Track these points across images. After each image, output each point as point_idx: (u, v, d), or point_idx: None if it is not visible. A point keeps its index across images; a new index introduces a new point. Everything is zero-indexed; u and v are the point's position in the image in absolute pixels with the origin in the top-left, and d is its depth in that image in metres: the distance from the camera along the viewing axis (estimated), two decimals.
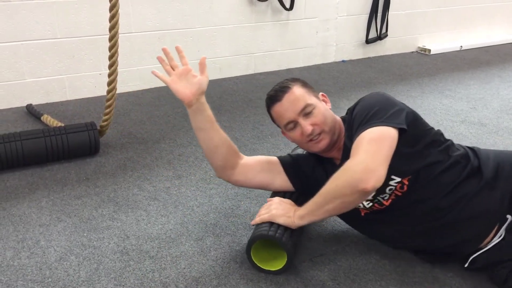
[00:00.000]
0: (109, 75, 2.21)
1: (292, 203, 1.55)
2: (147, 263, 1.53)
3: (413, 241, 1.53)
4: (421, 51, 4.44)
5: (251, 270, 1.49)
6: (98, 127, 2.32)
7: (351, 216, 1.53)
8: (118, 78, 2.22)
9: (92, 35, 2.96)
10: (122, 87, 2.41)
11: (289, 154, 1.71)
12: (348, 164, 1.36)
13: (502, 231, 1.42)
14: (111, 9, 2.06)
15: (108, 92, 2.24)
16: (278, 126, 1.63)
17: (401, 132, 1.40)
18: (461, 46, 4.56)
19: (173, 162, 2.23)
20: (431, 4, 4.39)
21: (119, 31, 2.10)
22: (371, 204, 1.50)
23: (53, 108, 2.87)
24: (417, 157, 1.44)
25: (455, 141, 1.56)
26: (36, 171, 2.11)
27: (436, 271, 1.50)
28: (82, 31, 2.93)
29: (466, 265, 1.47)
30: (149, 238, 1.66)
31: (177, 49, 1.55)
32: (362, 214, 1.55)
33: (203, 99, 1.52)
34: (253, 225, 1.55)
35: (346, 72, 3.78)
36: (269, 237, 1.44)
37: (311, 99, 1.55)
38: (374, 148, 1.34)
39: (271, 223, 1.48)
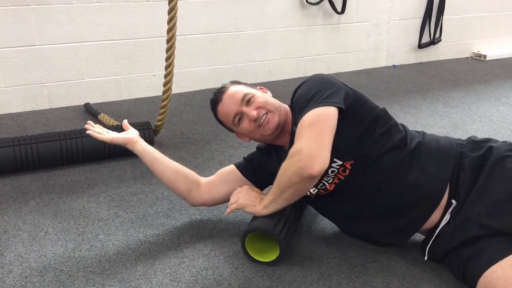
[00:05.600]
0: (165, 76, 2.26)
1: (260, 191, 1.62)
2: (200, 261, 1.56)
3: (358, 225, 1.58)
4: (476, 56, 4.31)
5: (303, 273, 1.50)
6: (153, 127, 2.38)
7: (305, 199, 1.59)
8: None
9: (148, 37, 3.05)
10: (174, 88, 2.48)
11: (244, 157, 1.75)
12: (291, 151, 1.40)
13: (447, 216, 1.43)
14: (169, 11, 2.11)
15: (164, 92, 2.30)
16: (229, 129, 1.68)
17: (340, 112, 1.42)
18: None
19: (224, 163, 2.26)
20: (488, 9, 4.25)
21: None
22: (316, 190, 1.54)
23: (109, 107, 2.97)
24: (359, 140, 1.45)
25: None
26: (94, 167, 2.20)
27: None
28: (138, 33, 3.03)
29: (426, 258, 1.49)
30: (202, 236, 1.69)
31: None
32: (312, 198, 1.59)
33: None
34: (227, 215, 1.69)
35: (398, 77, 3.72)
36: (260, 230, 1.50)
37: (249, 90, 1.61)
38: (314, 132, 1.38)
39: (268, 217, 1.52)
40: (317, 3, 3.49)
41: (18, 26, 2.72)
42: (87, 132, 1.78)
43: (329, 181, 1.51)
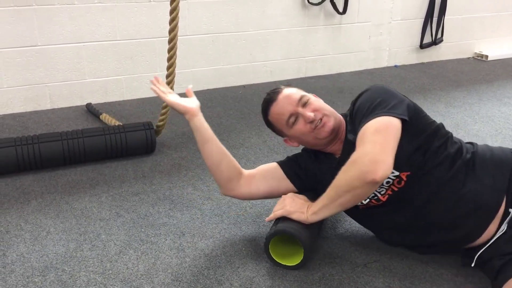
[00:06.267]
0: (167, 76, 2.27)
1: (306, 198, 1.57)
2: (202, 260, 1.56)
3: (408, 236, 1.54)
4: (478, 57, 4.31)
5: (305, 273, 1.50)
6: (154, 127, 2.39)
7: (350, 210, 1.56)
8: None
9: (149, 37, 3.06)
10: (176, 89, 2.48)
11: (287, 157, 1.72)
12: (355, 155, 1.36)
13: (504, 226, 1.40)
14: (171, 12, 2.12)
15: None
16: (279, 132, 1.65)
17: (403, 123, 1.41)
18: None
19: None
20: (489, 9, 4.25)
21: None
22: (368, 200, 1.51)
23: (111, 107, 2.97)
24: (417, 152, 1.44)
25: None
26: (96, 167, 2.20)
27: None
28: (140, 33, 3.03)
29: (472, 264, 1.46)
30: (204, 236, 1.69)
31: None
32: (360, 208, 1.56)
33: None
34: (269, 222, 1.62)
35: (399, 77, 3.72)
36: (287, 233, 1.47)
37: (305, 93, 1.61)
38: (380, 138, 1.35)
39: (288, 220, 1.51)
40: (319, 4, 3.49)
41: (20, 26, 2.73)
42: (151, 87, 1.67)
43: (382, 192, 1.48)
